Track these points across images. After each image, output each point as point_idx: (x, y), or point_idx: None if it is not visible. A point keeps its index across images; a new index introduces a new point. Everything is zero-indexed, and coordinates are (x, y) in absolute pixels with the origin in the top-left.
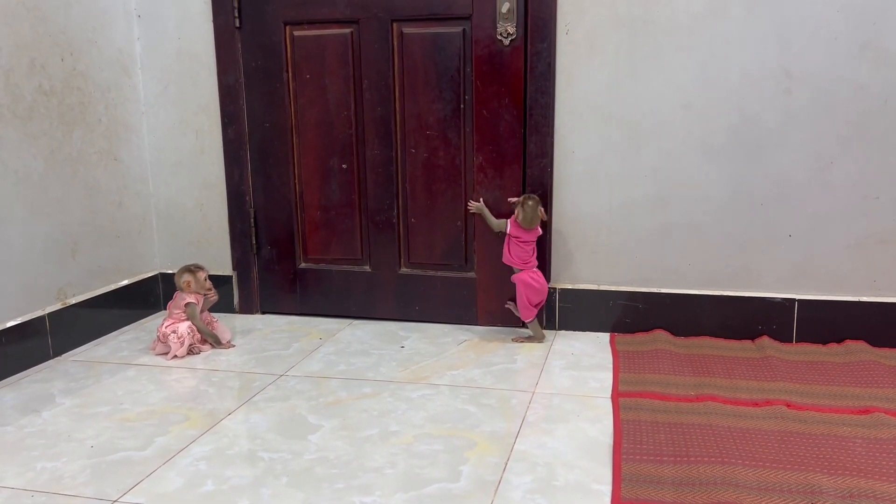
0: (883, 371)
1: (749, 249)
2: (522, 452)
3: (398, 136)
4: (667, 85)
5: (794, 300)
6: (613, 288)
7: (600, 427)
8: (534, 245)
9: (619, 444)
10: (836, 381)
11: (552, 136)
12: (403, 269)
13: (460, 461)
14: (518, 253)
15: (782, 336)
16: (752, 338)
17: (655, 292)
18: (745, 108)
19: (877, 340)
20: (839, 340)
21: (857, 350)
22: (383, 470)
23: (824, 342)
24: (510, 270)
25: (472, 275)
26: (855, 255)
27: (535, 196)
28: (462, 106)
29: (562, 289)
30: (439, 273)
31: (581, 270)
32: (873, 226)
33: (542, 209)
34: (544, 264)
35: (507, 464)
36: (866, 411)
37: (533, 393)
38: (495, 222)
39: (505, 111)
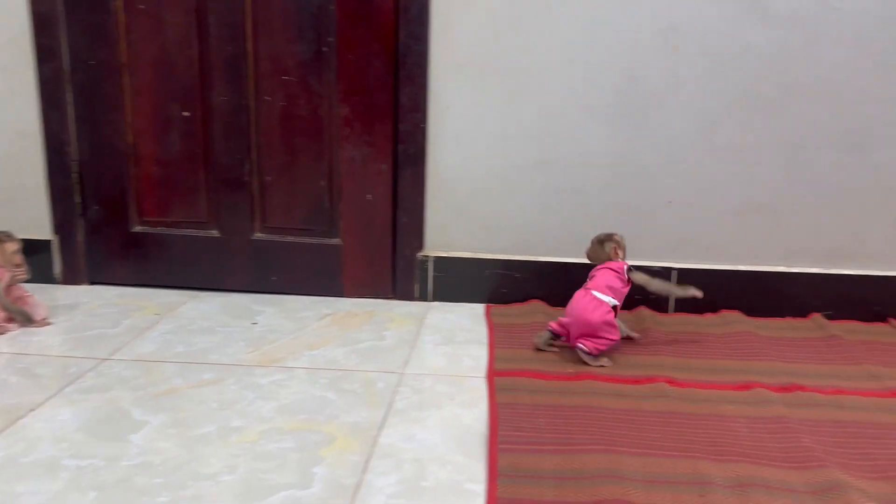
0: (759, 342)
1: (631, 216)
2: (388, 447)
3: (251, 81)
4: (551, 38)
5: (672, 269)
6: (490, 256)
7: (476, 412)
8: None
9: (495, 432)
10: (714, 354)
11: (426, 89)
12: (258, 235)
13: (314, 461)
14: None
15: (660, 306)
16: (631, 308)
17: (534, 261)
18: (631, 67)
19: (752, 310)
20: (716, 310)
21: (733, 320)
22: (219, 476)
23: (701, 312)
24: (381, 235)
25: (337, 241)
26: (735, 223)
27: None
28: (325, 49)
29: (436, 257)
30: (300, 239)
31: (457, 237)
32: (753, 193)
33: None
34: (417, 230)
35: (368, 462)
36: (747, 386)
37: (402, 374)
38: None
39: (374, 58)
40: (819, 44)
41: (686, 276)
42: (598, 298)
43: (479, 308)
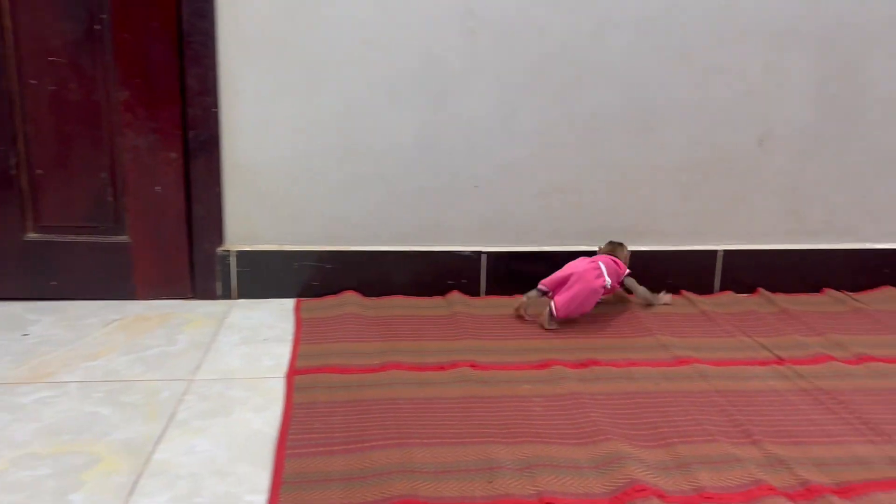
0: (560, 321)
1: (438, 201)
2: (162, 463)
3: (12, 63)
4: (346, 18)
5: (481, 252)
6: (298, 248)
7: (269, 416)
8: None
9: (284, 435)
10: (519, 335)
11: (216, 71)
12: (31, 235)
13: (73, 487)
14: None
15: (471, 290)
16: (444, 293)
17: (344, 250)
18: (430, 49)
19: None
20: (524, 292)
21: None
22: None
23: (513, 294)
24: (175, 230)
25: (125, 238)
26: (539, 204)
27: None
28: (98, 27)
29: (239, 251)
30: (82, 238)
31: (261, 229)
32: (555, 175)
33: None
34: (216, 222)
35: (137, 482)
36: (546, 365)
37: (191, 381)
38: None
39: (155, 36)
40: (607, 28)
41: (495, 260)
42: (602, 270)
43: (288, 303)
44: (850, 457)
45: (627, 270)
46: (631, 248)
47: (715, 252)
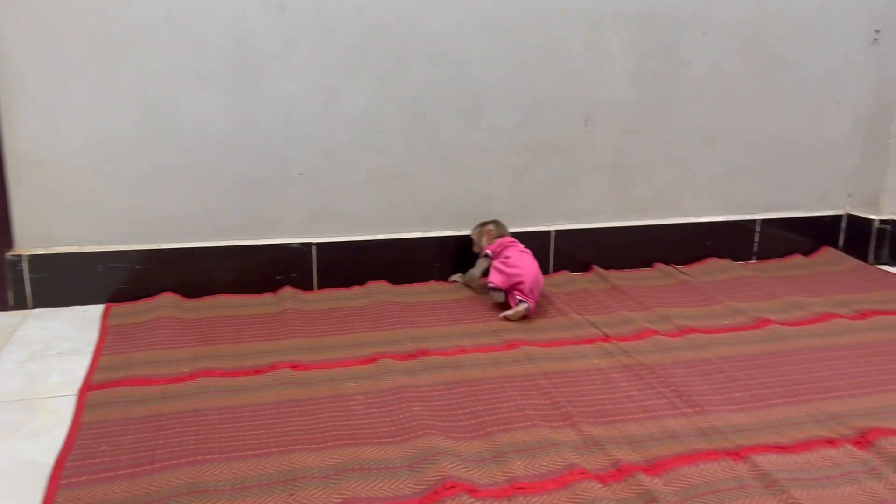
0: (398, 310)
1: (260, 192)
2: None
3: None
4: None
5: (311, 244)
6: (102, 248)
7: (47, 441)
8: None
9: (61, 463)
10: (351, 329)
11: None
12: None
13: None
14: None
15: (304, 284)
16: (275, 289)
17: (157, 249)
18: (239, 28)
19: (395, 277)
20: (362, 282)
21: (377, 291)
22: None
23: (348, 285)
24: None
25: None
26: (369, 191)
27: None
28: None
29: (32, 255)
30: None
31: (57, 229)
32: (383, 160)
33: (488, 228)
34: (2, 224)
35: None
36: (373, 359)
37: None
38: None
39: None
40: (427, 7)
41: (326, 251)
42: None
43: (95, 311)
44: (662, 431)
45: (485, 252)
46: (465, 231)
47: (548, 232)
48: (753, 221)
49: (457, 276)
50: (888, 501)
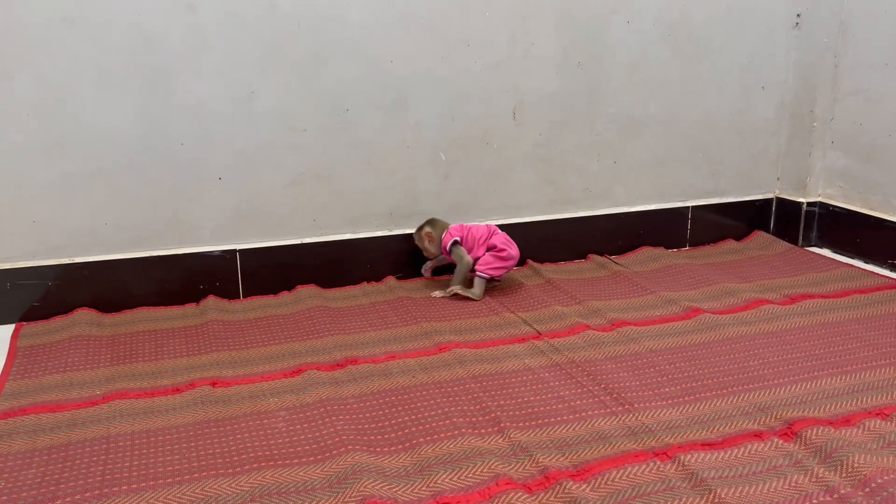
0: (327, 316)
1: (177, 198)
2: None
3: None
4: None
5: (234, 251)
6: (10, 265)
7: None
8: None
9: None
10: (277, 339)
11: None
12: None
13: None
14: None
15: (229, 293)
16: (198, 300)
17: (68, 263)
18: (143, 26)
19: (325, 282)
20: (290, 288)
21: (306, 296)
22: None
23: (276, 292)
24: None
25: None
26: (293, 193)
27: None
28: None
29: None
30: None
31: None
32: (306, 160)
33: (426, 232)
34: None
35: None
36: (299, 371)
37: None
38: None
39: None
40: (346, 1)
41: (251, 257)
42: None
43: (4, 331)
44: (591, 433)
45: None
46: (396, 231)
47: None
48: (685, 208)
49: (439, 292)
50: (813, 494)
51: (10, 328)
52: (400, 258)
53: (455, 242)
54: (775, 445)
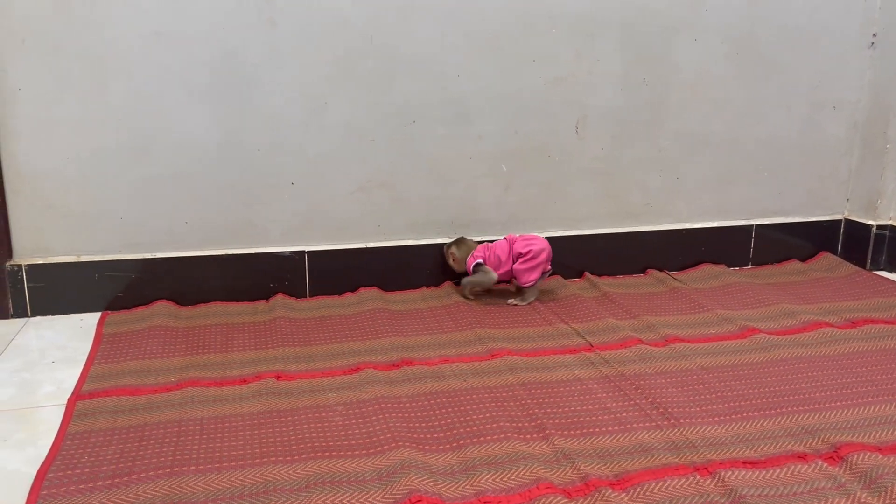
0: (387, 318)
1: (251, 201)
2: None
3: None
4: (130, 8)
5: (303, 252)
6: (98, 258)
7: (33, 452)
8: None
9: (43, 474)
10: (338, 338)
11: None
12: None
13: None
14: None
15: (296, 292)
16: (267, 297)
17: (150, 258)
18: (226, 41)
19: (387, 285)
20: (354, 289)
21: (368, 298)
22: None
23: (340, 293)
24: None
25: None
26: (359, 200)
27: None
28: None
29: (30, 265)
30: None
31: (53, 240)
32: (373, 169)
33: (450, 251)
34: (3, 233)
35: None
36: (357, 369)
37: None
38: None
39: None
40: (412, 19)
41: (318, 259)
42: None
43: (91, 319)
44: (634, 445)
45: (476, 261)
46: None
47: None
48: (749, 227)
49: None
50: None
51: (97, 316)
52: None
53: (478, 264)
54: (819, 468)
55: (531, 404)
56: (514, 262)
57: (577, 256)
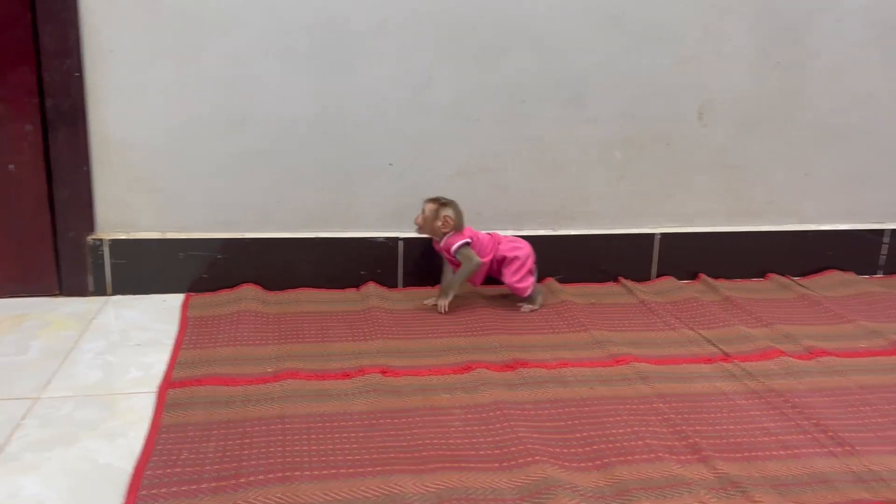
0: (491, 314)
1: (346, 181)
2: None
3: None
4: None
5: (397, 239)
6: (184, 235)
7: (125, 444)
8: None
9: (140, 471)
10: (441, 332)
11: (78, 28)
12: None
13: None
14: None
15: (388, 281)
16: (358, 285)
17: (238, 238)
18: (329, 5)
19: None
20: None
21: (466, 292)
22: None
23: (433, 284)
24: (33, 215)
25: None
26: (459, 184)
27: (436, 199)
28: None
29: (112, 240)
30: None
31: (138, 214)
32: (475, 151)
33: (446, 214)
34: (84, 206)
35: None
36: (468, 368)
37: (36, 400)
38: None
39: None
40: None
41: (412, 246)
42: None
43: (175, 299)
44: (811, 474)
45: (464, 240)
46: (561, 231)
47: (652, 235)
48: (881, 231)
49: (435, 301)
50: None
51: (179, 297)
52: (563, 260)
53: (466, 244)
54: None
55: (676, 419)
56: (498, 265)
57: (690, 256)
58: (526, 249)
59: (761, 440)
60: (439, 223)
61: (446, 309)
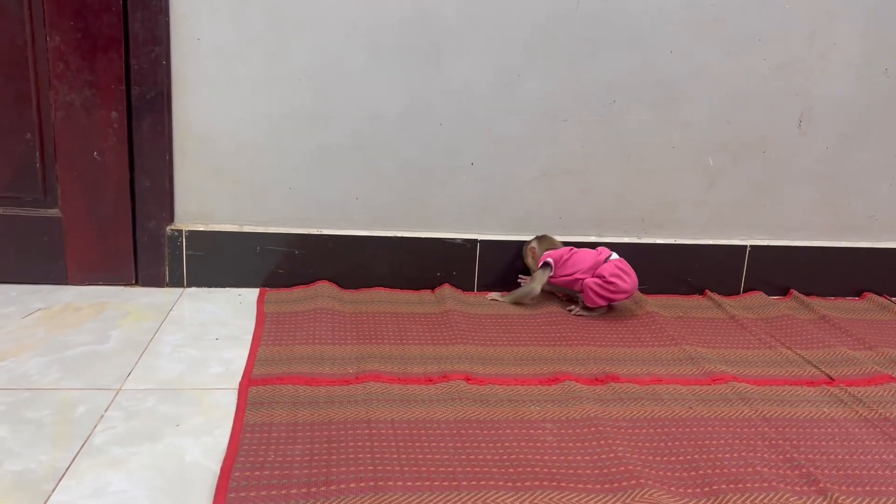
0: (571, 324)
1: (427, 180)
2: None
3: None
4: None
5: (476, 241)
6: (262, 229)
7: (210, 442)
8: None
9: (228, 472)
10: (522, 341)
11: (168, 15)
12: None
13: None
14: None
15: (464, 284)
16: (433, 287)
17: (316, 234)
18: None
19: None
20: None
21: (546, 300)
22: None
23: (508, 290)
24: (115, 204)
25: (55, 212)
26: (541, 187)
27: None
28: None
29: (190, 231)
30: (3, 210)
31: (217, 206)
32: (561, 153)
33: (530, 247)
34: (164, 196)
35: None
36: (556, 379)
37: (118, 391)
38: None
39: None
40: None
41: (489, 249)
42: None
43: (250, 294)
44: None
45: (546, 260)
46: (646, 240)
47: (742, 247)
48: None
49: (496, 295)
50: None
51: (254, 291)
52: (649, 269)
53: (545, 264)
54: None
55: (785, 446)
56: (591, 275)
57: (782, 270)
58: (629, 285)
59: (881, 473)
60: (530, 258)
61: (496, 298)
